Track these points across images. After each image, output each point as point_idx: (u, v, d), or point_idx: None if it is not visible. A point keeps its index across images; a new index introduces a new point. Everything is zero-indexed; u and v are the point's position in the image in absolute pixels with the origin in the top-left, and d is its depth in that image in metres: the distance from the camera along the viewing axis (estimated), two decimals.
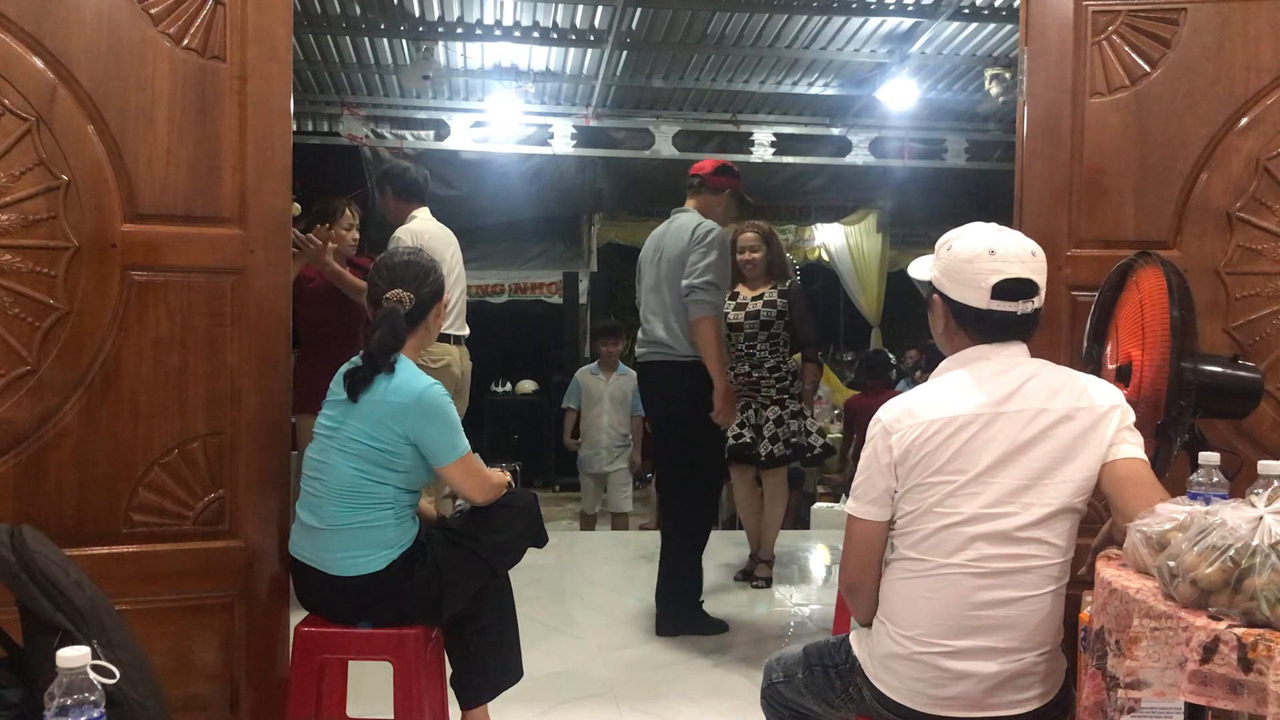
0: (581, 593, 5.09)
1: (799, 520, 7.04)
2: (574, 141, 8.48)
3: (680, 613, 4.34)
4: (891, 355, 8.89)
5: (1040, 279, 2.04)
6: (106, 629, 1.84)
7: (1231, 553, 1.51)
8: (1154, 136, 2.88)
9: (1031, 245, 2.05)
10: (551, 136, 8.42)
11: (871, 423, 2.07)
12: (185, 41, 2.66)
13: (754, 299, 4.91)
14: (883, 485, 2.03)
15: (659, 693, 3.68)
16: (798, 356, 5.19)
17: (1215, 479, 1.93)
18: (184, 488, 2.70)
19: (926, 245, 9.02)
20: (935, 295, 2.11)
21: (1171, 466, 2.28)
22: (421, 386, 2.55)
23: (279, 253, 2.77)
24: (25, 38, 2.53)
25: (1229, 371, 2.34)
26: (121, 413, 2.64)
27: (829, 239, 10.60)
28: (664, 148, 8.48)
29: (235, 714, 2.75)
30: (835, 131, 8.67)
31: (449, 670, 2.86)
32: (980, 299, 2.01)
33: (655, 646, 4.24)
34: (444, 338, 4.22)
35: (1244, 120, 2.84)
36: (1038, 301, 2.03)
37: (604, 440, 6.91)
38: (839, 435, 7.20)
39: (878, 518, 2.05)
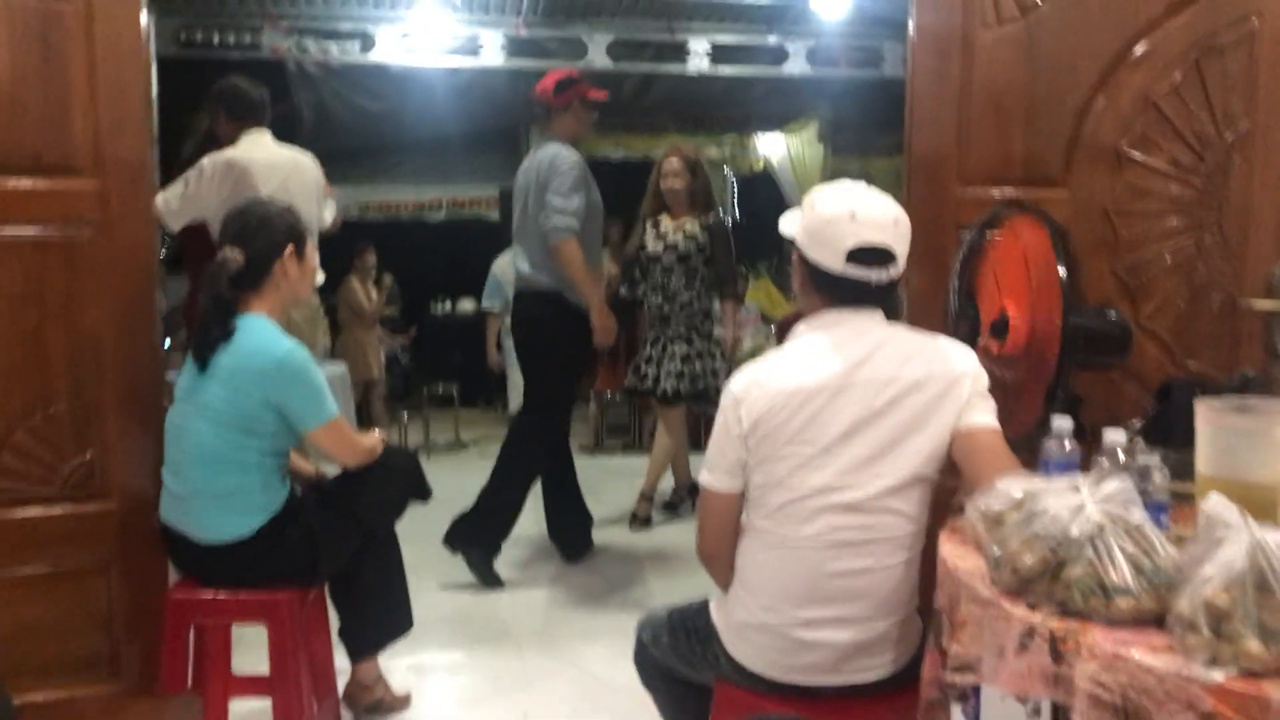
0: None
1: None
2: (505, 52, 8.23)
3: (473, 537, 4.22)
4: None
5: (900, 248, 1.97)
6: None
7: (1051, 543, 1.48)
8: (1044, 71, 2.79)
9: (895, 212, 1.99)
10: (481, 48, 8.17)
11: (724, 393, 2.02)
12: None
13: (675, 230, 4.80)
14: (734, 456, 1.99)
15: (561, 633, 3.69)
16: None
17: (1067, 446, 1.90)
18: (50, 450, 2.63)
19: (868, 154, 8.88)
20: (794, 253, 2.05)
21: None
22: (282, 351, 2.46)
23: (139, 204, 2.67)
24: None
25: (1102, 326, 2.30)
26: None
27: (770, 150, 10.45)
28: (597, 58, 8.24)
29: (117, 678, 2.72)
30: (772, 40, 8.47)
31: (338, 623, 2.85)
32: (835, 262, 1.95)
33: (562, 584, 4.25)
34: None
35: (1136, 53, 2.76)
36: (894, 271, 1.97)
37: None
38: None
39: (730, 489, 2.02)
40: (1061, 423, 1.91)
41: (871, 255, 1.93)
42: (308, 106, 8.76)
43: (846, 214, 1.94)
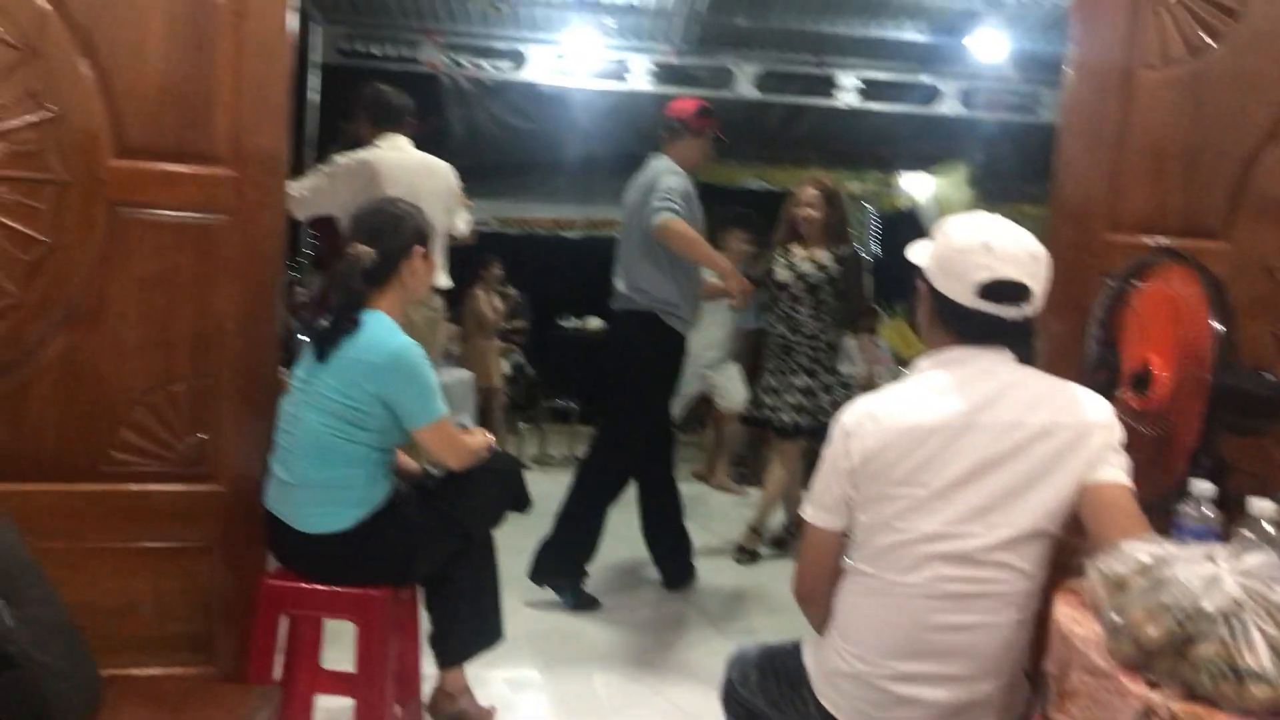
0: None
1: None
2: (653, 78, 8.26)
3: (556, 567, 4.13)
4: None
5: (1037, 284, 1.85)
6: (19, 587, 1.81)
7: (1180, 615, 1.35)
8: (1210, 117, 2.63)
9: (1034, 247, 1.87)
10: (629, 72, 8.22)
11: (835, 423, 1.93)
12: None
13: (805, 260, 4.69)
14: (839, 492, 1.89)
15: (650, 662, 3.61)
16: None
17: (1206, 512, 1.75)
18: (166, 428, 2.67)
19: (1018, 200, 8.62)
20: (922, 283, 1.95)
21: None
22: (397, 346, 2.46)
23: (272, 195, 2.69)
24: None
25: (1256, 388, 2.13)
26: (105, 350, 2.61)
27: (916, 190, 10.24)
28: (745, 88, 8.21)
29: (209, 661, 2.74)
30: (924, 79, 8.31)
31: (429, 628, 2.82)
32: (966, 295, 1.85)
33: (659, 611, 4.16)
34: None
35: None
36: (1030, 309, 1.85)
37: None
38: None
39: (832, 526, 1.92)
40: (1201, 486, 1.76)
41: (1005, 290, 1.82)
42: (458, 121, 8.95)
43: (981, 245, 1.84)
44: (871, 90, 8.36)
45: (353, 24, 8.02)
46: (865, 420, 1.86)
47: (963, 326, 1.87)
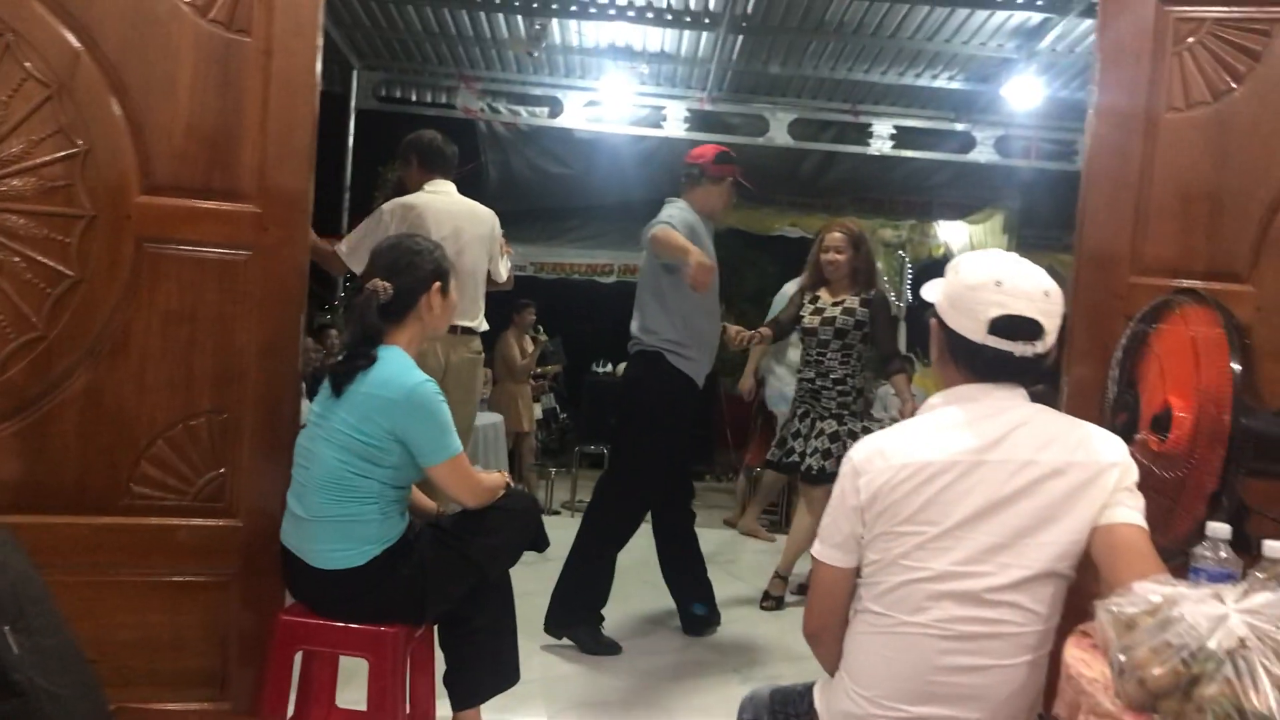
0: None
1: None
2: (687, 125, 8.32)
3: (570, 616, 4.07)
4: None
5: (1049, 322, 1.83)
6: (26, 615, 1.82)
7: (1185, 654, 1.32)
8: (1234, 159, 2.62)
9: (1047, 284, 1.85)
10: (664, 119, 8.29)
11: (845, 460, 1.91)
12: (211, 14, 2.64)
13: (834, 305, 4.67)
14: (848, 529, 1.86)
15: (668, 708, 3.56)
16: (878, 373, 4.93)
17: (1223, 554, 1.71)
18: (186, 463, 2.69)
19: (1056, 249, 8.53)
20: (934, 320, 1.94)
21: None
22: (412, 383, 2.47)
23: (296, 231, 2.73)
24: (51, 3, 2.54)
25: (1273, 430, 2.09)
26: (127, 384, 2.65)
27: (951, 238, 10.21)
28: (779, 135, 8.25)
29: (224, 694, 2.74)
30: (959, 127, 8.31)
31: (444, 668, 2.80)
32: (977, 332, 1.83)
33: (681, 657, 4.11)
34: None
35: None
36: (1042, 346, 1.83)
37: None
38: None
39: (842, 564, 1.89)
40: (1218, 528, 1.72)
41: (1016, 327, 1.80)
42: (494, 166, 9.06)
43: (992, 281, 1.82)
44: (905, 138, 8.38)
45: (390, 70, 8.16)
46: (875, 457, 1.84)
47: (974, 363, 1.85)
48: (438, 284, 2.62)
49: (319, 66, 2.72)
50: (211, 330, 2.69)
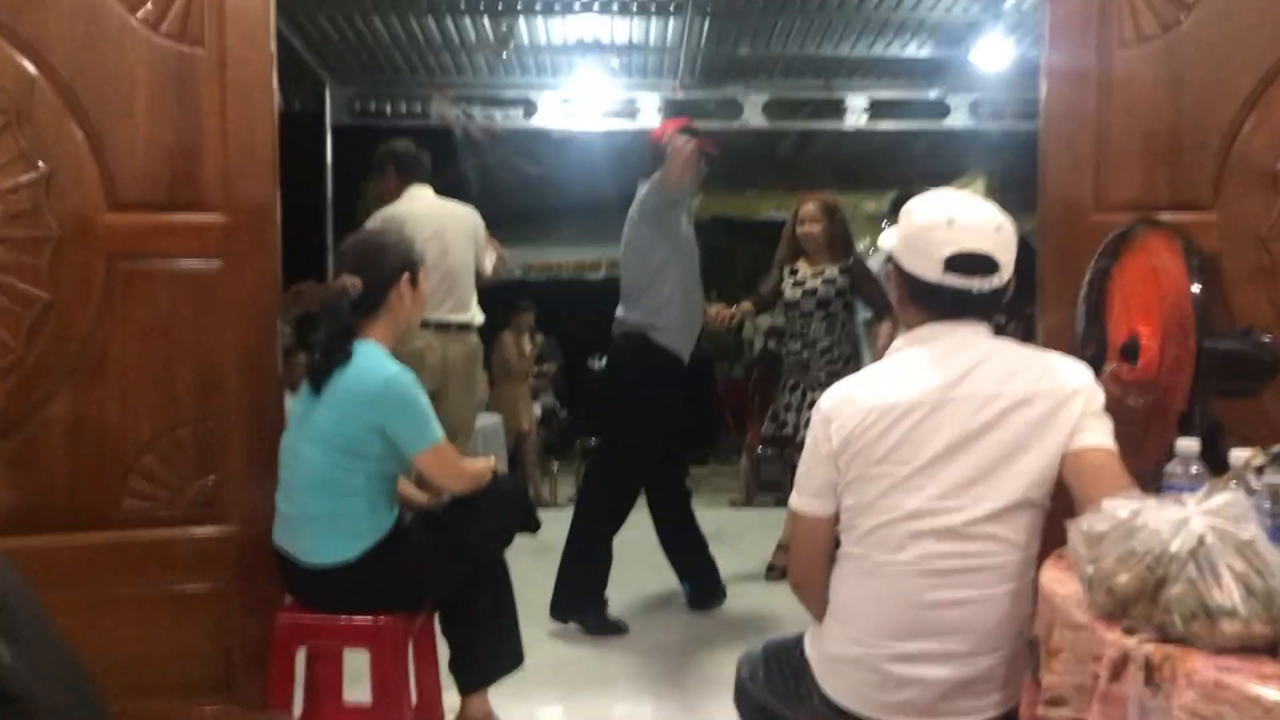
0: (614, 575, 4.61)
1: None
2: (662, 114, 8.31)
3: (574, 600, 4.10)
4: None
5: (1003, 255, 1.85)
6: (18, 623, 1.82)
7: (1150, 559, 1.33)
8: (1189, 89, 2.62)
9: (997, 218, 1.87)
10: (638, 111, 8.29)
11: (815, 409, 1.93)
12: (163, 28, 2.64)
13: (813, 276, 4.69)
14: (823, 477, 1.88)
15: (678, 682, 3.57)
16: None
17: (1194, 470, 1.72)
18: (175, 474, 2.71)
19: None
20: (890, 264, 1.95)
21: None
22: (389, 374, 2.48)
23: (265, 238, 2.75)
24: (3, 30, 2.55)
25: (1242, 348, 2.10)
26: (110, 400, 2.66)
27: None
28: (753, 117, 8.24)
29: (231, 698, 2.76)
30: (932, 95, 8.30)
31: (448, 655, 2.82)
32: (933, 271, 1.84)
33: (687, 633, 4.13)
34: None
35: None
36: (998, 280, 1.84)
37: None
38: None
39: (820, 512, 1.91)
40: (1187, 444, 1.73)
41: (971, 262, 1.82)
42: (473, 171, 9.07)
43: (944, 220, 1.84)
44: (880, 110, 8.36)
45: (362, 84, 8.16)
46: (843, 403, 1.86)
47: (932, 302, 1.87)
48: (407, 275, 2.63)
49: (275, 74, 2.74)
50: (189, 340, 2.70)
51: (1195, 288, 2.02)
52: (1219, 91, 2.61)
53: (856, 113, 8.30)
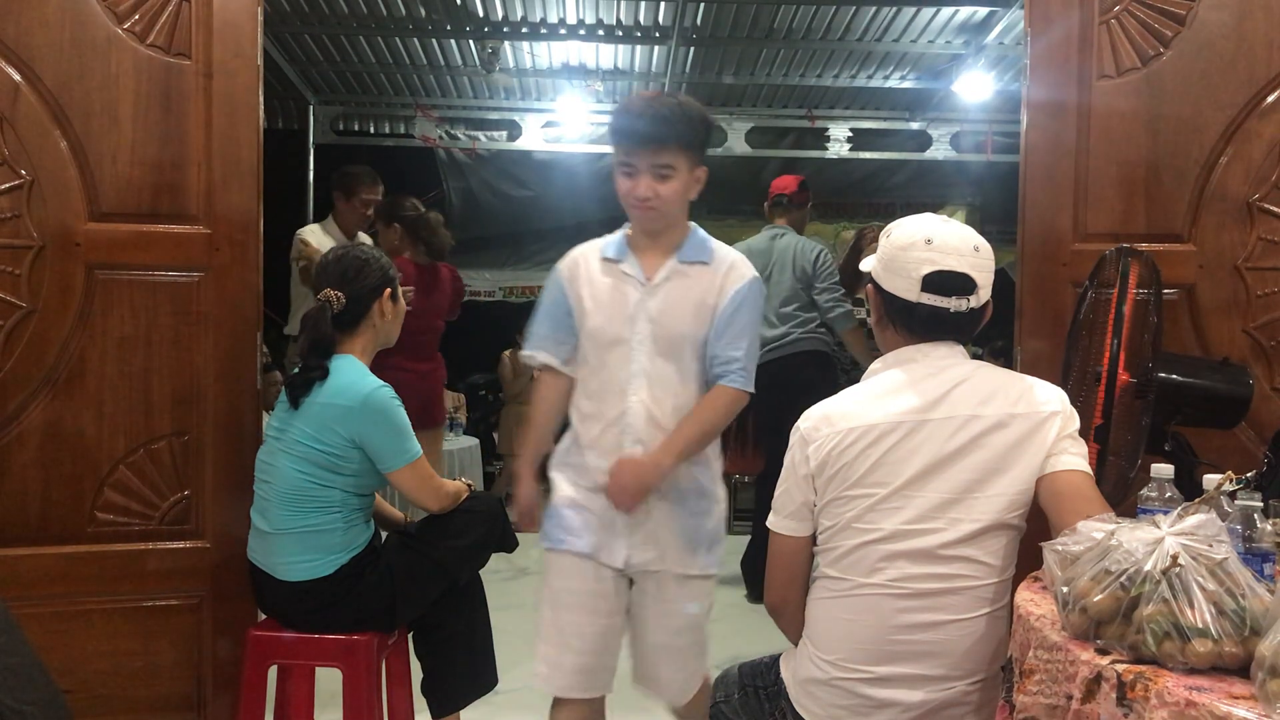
0: None
1: None
2: None
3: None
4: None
5: (981, 276, 1.86)
6: None
7: (1124, 579, 1.34)
8: (1167, 122, 2.66)
9: (975, 240, 1.89)
10: None
11: (793, 431, 1.93)
12: (150, 39, 2.65)
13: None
14: (800, 498, 1.88)
15: (650, 707, 3.54)
16: None
17: (1169, 494, 1.74)
18: (150, 487, 2.69)
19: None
20: (870, 285, 1.96)
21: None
22: (368, 389, 2.47)
23: (247, 251, 2.74)
24: None
25: (1205, 382, 2.12)
26: (86, 412, 2.65)
27: None
28: (737, 145, 8.30)
29: (201, 715, 2.73)
30: (914, 126, 8.38)
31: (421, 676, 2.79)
32: (910, 290, 1.85)
33: None
34: None
35: (1267, 100, 2.62)
36: (975, 300, 1.86)
37: None
38: None
39: (797, 533, 1.91)
40: (1162, 468, 1.75)
41: (948, 282, 1.83)
42: (456, 192, 9.05)
43: (922, 240, 1.85)
44: (863, 139, 8.44)
45: (346, 103, 8.17)
46: (821, 424, 1.87)
47: (910, 322, 1.88)
48: (388, 290, 2.63)
49: (260, 86, 2.74)
50: (167, 353, 2.69)
51: (1154, 318, 2.04)
52: (1196, 124, 2.65)
53: (839, 141, 8.37)
